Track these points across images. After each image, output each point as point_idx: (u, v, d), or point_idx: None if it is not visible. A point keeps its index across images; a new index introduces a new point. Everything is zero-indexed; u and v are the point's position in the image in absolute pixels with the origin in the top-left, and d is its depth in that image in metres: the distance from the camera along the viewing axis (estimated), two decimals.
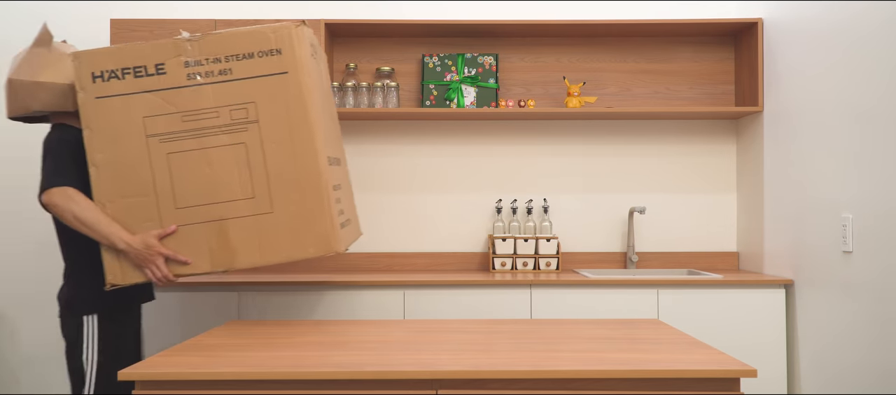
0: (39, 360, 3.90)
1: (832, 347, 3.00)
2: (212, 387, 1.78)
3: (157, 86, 2.40)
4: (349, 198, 2.89)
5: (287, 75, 2.37)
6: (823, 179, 3.04)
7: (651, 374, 1.76)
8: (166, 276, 2.41)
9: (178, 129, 2.40)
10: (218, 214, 2.41)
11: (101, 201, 2.43)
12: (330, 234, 2.39)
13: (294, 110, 2.37)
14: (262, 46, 2.37)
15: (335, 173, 2.58)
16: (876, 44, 2.70)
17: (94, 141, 2.41)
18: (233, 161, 2.39)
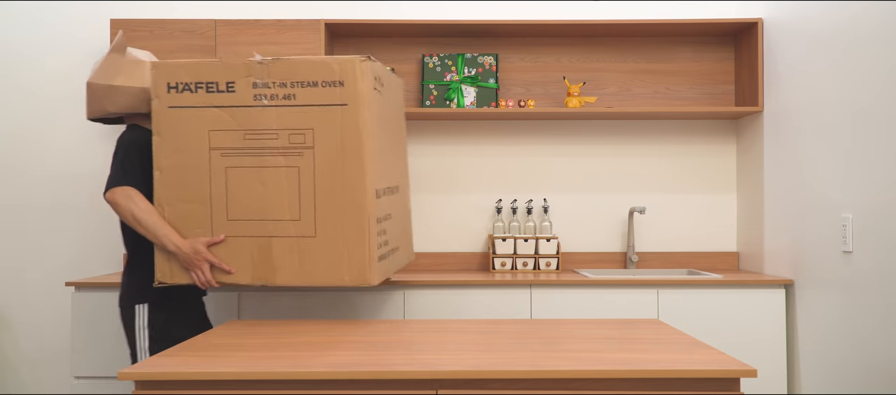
0: (40, 360, 3.90)
1: (832, 347, 3.00)
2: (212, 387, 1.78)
3: (226, 102, 2.52)
4: (402, 225, 2.94)
5: (346, 107, 2.45)
6: (823, 179, 3.04)
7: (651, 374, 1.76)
8: (209, 281, 2.56)
9: (239, 145, 2.52)
10: (265, 230, 2.52)
11: (161, 203, 2.58)
12: (366, 267, 2.47)
13: (349, 142, 2.45)
14: (326, 76, 2.45)
15: (386, 204, 2.64)
16: (876, 44, 2.70)
17: (162, 147, 2.56)
18: (285, 183, 2.49)
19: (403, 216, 2.98)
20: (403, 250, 2.97)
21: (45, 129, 3.92)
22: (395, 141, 2.89)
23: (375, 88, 2.55)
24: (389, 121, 2.77)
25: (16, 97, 3.92)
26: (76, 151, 3.92)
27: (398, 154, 2.93)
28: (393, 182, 2.77)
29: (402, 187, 2.96)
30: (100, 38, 3.92)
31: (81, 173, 3.92)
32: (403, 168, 3.02)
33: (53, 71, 3.92)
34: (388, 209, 2.68)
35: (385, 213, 2.64)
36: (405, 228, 3.01)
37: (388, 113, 2.76)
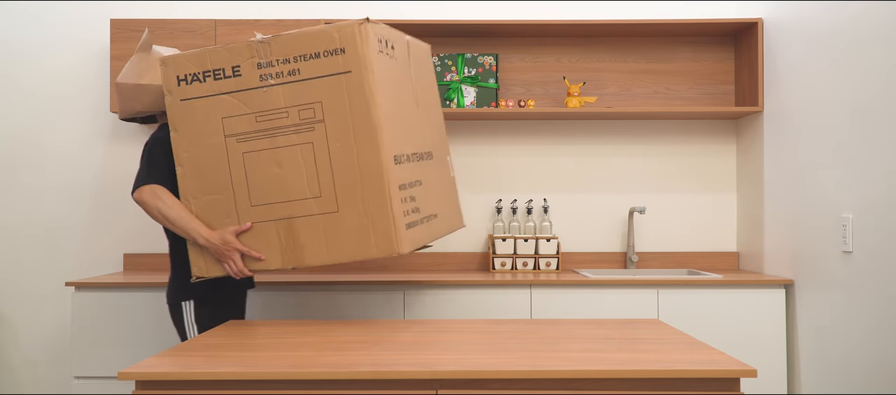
0: (40, 360, 3.90)
1: (832, 347, 3.00)
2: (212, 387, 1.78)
3: (234, 87, 2.47)
4: (440, 191, 2.82)
5: (350, 74, 2.37)
6: (823, 179, 3.04)
7: (651, 374, 1.76)
8: (241, 271, 2.52)
9: (252, 129, 2.47)
10: (287, 212, 2.47)
11: (187, 198, 2.55)
12: (392, 235, 2.38)
13: (357, 109, 2.37)
14: (326, 46, 2.39)
15: (411, 170, 2.55)
16: (876, 43, 2.70)
17: (180, 141, 2.53)
18: (301, 161, 2.44)
19: (440, 183, 2.84)
20: (444, 218, 2.84)
21: (45, 129, 3.92)
22: (423, 107, 2.78)
23: (381, 50, 2.46)
24: (409, 85, 2.67)
25: (16, 97, 3.92)
26: (76, 151, 3.92)
27: (428, 120, 2.81)
28: (420, 148, 2.67)
29: (438, 154, 2.86)
30: (100, 38, 3.92)
31: (82, 174, 3.92)
32: (438, 135, 2.90)
33: (53, 71, 3.92)
34: (415, 175, 2.58)
35: (412, 179, 2.54)
36: (445, 195, 2.88)
37: (405, 77, 2.65)
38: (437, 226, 2.74)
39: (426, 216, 2.63)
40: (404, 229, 2.41)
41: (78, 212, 3.92)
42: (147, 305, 3.34)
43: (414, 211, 2.52)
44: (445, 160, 2.97)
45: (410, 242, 2.45)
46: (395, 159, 2.42)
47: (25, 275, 3.91)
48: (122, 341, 3.34)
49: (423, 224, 2.60)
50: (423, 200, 2.63)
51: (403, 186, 2.46)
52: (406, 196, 2.47)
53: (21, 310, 3.91)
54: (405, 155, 2.52)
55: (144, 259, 3.90)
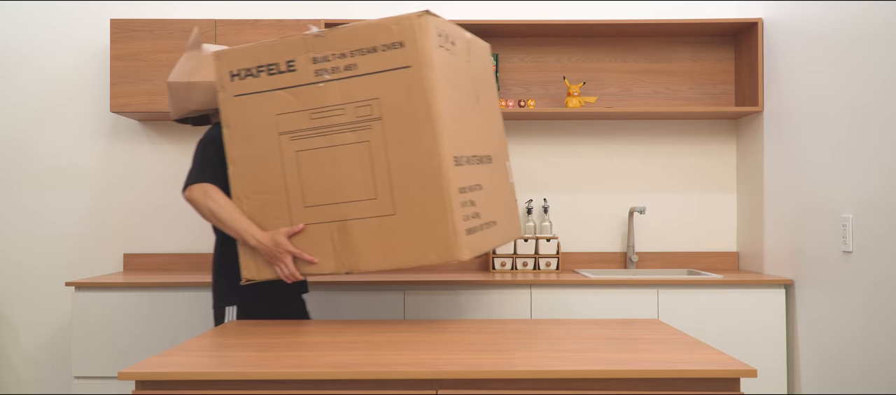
0: (40, 360, 3.90)
1: (832, 347, 3.00)
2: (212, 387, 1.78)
3: (289, 83, 2.35)
4: (499, 198, 2.66)
5: (410, 69, 2.23)
6: (823, 179, 3.04)
7: (651, 374, 1.76)
8: (293, 274, 2.41)
9: (306, 126, 2.34)
10: (342, 214, 2.34)
11: (238, 197, 2.45)
12: (451, 240, 2.23)
13: (417, 106, 2.23)
14: (384, 40, 2.25)
15: (471, 173, 2.41)
16: (876, 43, 2.70)
17: (232, 139, 2.43)
18: (357, 160, 2.31)
19: (500, 189, 2.67)
20: (504, 226, 2.66)
21: (45, 129, 3.92)
22: (484, 107, 2.63)
23: (441, 45, 2.31)
24: (469, 84, 2.52)
25: (15, 98, 3.92)
26: (76, 151, 3.92)
27: (488, 122, 2.66)
28: (480, 151, 2.51)
29: (498, 159, 2.69)
30: (100, 39, 3.92)
31: (82, 174, 3.92)
32: (497, 139, 2.74)
33: (53, 71, 3.92)
34: (475, 179, 2.42)
35: (471, 183, 2.38)
36: (504, 201, 2.71)
37: (466, 76, 2.50)
38: (496, 234, 2.57)
39: (486, 223, 2.48)
40: (464, 234, 2.26)
41: (78, 212, 3.92)
42: (147, 305, 3.34)
43: (473, 216, 2.37)
44: (505, 165, 2.79)
45: (470, 248, 2.30)
46: (455, 160, 2.28)
47: (25, 275, 3.91)
48: (122, 341, 3.34)
49: (483, 231, 2.44)
50: (483, 205, 2.47)
51: (463, 189, 2.32)
52: (466, 200, 2.32)
53: (21, 310, 3.91)
54: (465, 157, 2.38)
55: (144, 259, 3.90)
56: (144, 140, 3.93)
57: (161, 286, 3.35)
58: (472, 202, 2.37)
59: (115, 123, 3.92)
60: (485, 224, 2.46)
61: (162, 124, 3.93)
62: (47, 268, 3.91)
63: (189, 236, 3.93)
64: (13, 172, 3.92)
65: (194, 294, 3.34)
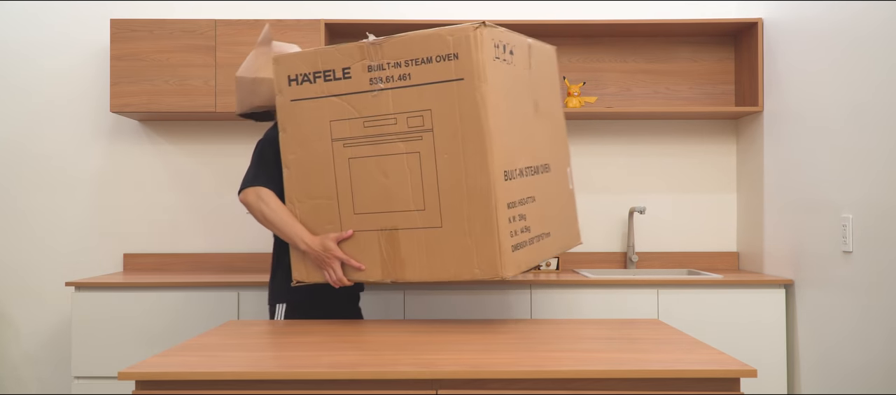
0: (40, 360, 3.90)
1: (832, 347, 3.00)
2: (212, 387, 1.78)
3: (344, 90, 2.35)
4: (555, 207, 2.62)
5: (463, 82, 2.21)
6: (823, 179, 3.04)
7: (651, 374, 1.76)
8: (340, 280, 2.42)
9: (359, 134, 2.35)
10: (391, 223, 2.35)
11: (292, 201, 2.46)
12: (495, 259, 2.22)
13: (468, 120, 2.21)
14: (439, 51, 2.23)
15: (523, 186, 2.38)
16: (876, 43, 2.70)
17: (288, 143, 2.44)
18: (407, 171, 2.31)
19: (557, 198, 2.64)
20: (559, 236, 2.63)
21: (45, 129, 3.92)
22: (544, 114, 2.59)
23: (498, 57, 2.29)
24: (528, 92, 2.48)
25: (15, 98, 3.92)
26: (76, 151, 3.92)
27: (548, 129, 2.62)
28: (536, 161, 2.48)
29: (557, 166, 2.66)
30: (100, 39, 3.92)
31: (81, 174, 3.92)
32: (557, 145, 2.69)
33: (53, 71, 3.92)
34: (527, 192, 2.40)
35: (523, 196, 2.36)
36: (560, 210, 2.67)
37: (525, 84, 2.47)
38: (548, 246, 2.54)
39: (537, 235, 2.45)
40: (510, 251, 2.25)
41: (78, 212, 3.92)
42: (147, 305, 3.34)
43: (523, 231, 2.35)
44: (564, 172, 2.75)
45: (516, 265, 2.28)
46: (505, 175, 2.26)
47: (26, 275, 3.91)
48: (122, 341, 3.34)
49: (533, 245, 2.42)
50: (535, 217, 2.44)
51: (512, 204, 2.30)
52: (515, 215, 2.31)
53: (21, 310, 3.91)
54: (518, 170, 2.35)
55: (144, 259, 3.90)
56: (144, 140, 3.93)
57: (161, 286, 3.35)
58: (522, 216, 2.35)
59: (115, 123, 3.92)
60: (536, 237, 2.43)
61: (162, 124, 3.94)
62: (47, 268, 3.91)
63: (188, 236, 3.93)
64: (13, 172, 3.92)
65: (194, 294, 3.34)
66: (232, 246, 3.93)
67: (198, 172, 3.93)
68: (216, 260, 3.91)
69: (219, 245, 3.93)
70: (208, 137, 3.94)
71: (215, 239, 3.93)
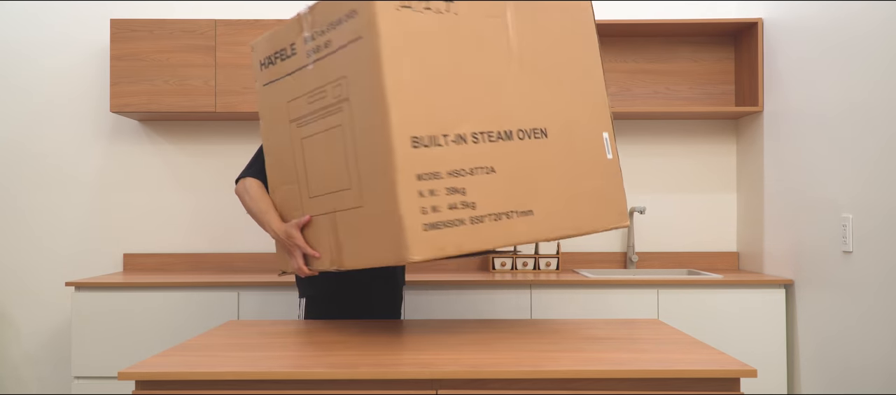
0: (40, 360, 3.90)
1: (832, 347, 3.00)
2: (212, 387, 1.78)
3: (293, 68, 2.19)
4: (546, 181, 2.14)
5: (362, 41, 1.96)
6: (823, 179, 3.04)
7: (651, 374, 1.76)
8: (300, 269, 2.25)
9: (306, 112, 2.16)
10: (332, 205, 2.14)
11: (273, 188, 2.35)
12: (399, 237, 1.90)
13: (369, 81, 1.94)
14: (343, 10, 1.99)
15: (456, 154, 2.00)
16: (876, 43, 2.70)
17: (264, 129, 2.33)
18: (338, 146, 2.08)
19: (554, 169, 2.16)
20: (560, 215, 2.16)
21: (45, 129, 3.92)
22: (537, 71, 2.18)
23: (407, 6, 1.98)
24: (494, 46, 2.11)
25: (15, 98, 3.92)
26: (76, 151, 3.92)
27: (547, 87, 2.19)
28: (501, 125, 2.08)
29: (566, 130, 2.19)
30: (100, 39, 3.92)
31: (81, 173, 3.92)
32: (569, 106, 2.22)
33: (53, 71, 3.92)
34: (472, 161, 2.02)
35: (456, 167, 1.99)
36: (563, 184, 2.17)
37: (486, 36, 2.10)
38: (521, 227, 2.09)
39: (492, 214, 2.04)
40: (419, 230, 1.91)
41: (78, 212, 3.92)
42: (147, 305, 3.34)
43: (453, 207, 1.98)
44: (584, 138, 2.24)
45: (431, 247, 1.92)
46: (413, 142, 1.94)
47: (25, 275, 3.91)
48: (122, 341, 3.34)
49: (482, 224, 2.03)
50: (491, 192, 2.04)
51: (427, 175, 1.95)
52: (435, 188, 1.96)
53: (21, 310, 3.91)
54: (448, 135, 1.99)
55: (144, 259, 3.90)
56: (144, 140, 3.93)
57: (161, 286, 3.35)
58: (453, 190, 1.99)
59: (115, 123, 3.92)
60: (489, 216, 2.04)
61: (162, 124, 3.94)
62: (47, 268, 3.91)
63: (189, 236, 3.93)
64: (13, 172, 3.92)
65: (194, 294, 3.34)
66: (232, 246, 3.93)
67: (198, 172, 3.93)
68: (216, 260, 3.91)
69: (219, 245, 3.93)
70: (208, 137, 3.93)
71: (215, 239, 3.93)
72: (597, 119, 2.29)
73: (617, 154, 2.30)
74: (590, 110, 2.28)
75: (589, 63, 2.30)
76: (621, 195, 2.30)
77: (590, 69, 2.30)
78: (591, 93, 2.29)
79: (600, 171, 2.26)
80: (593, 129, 2.28)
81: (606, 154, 2.29)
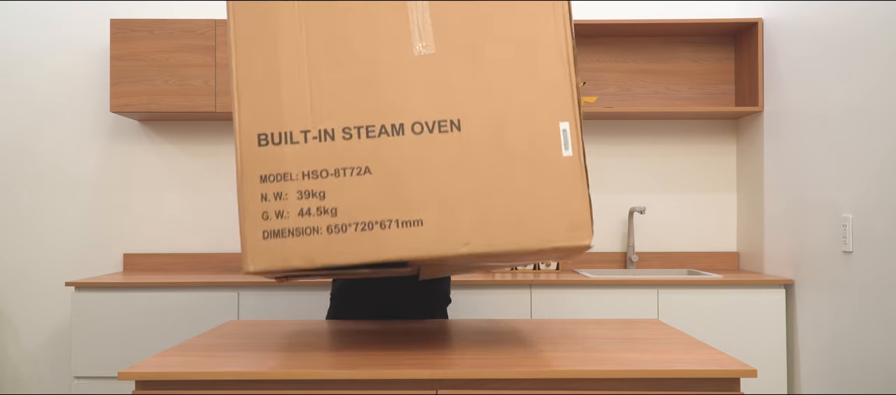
0: (40, 360, 3.90)
1: (832, 347, 3.00)
2: (212, 387, 1.78)
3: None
4: (456, 182, 1.80)
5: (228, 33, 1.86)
6: (823, 179, 3.04)
7: (651, 374, 1.76)
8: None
9: None
10: None
11: None
12: (245, 247, 1.76)
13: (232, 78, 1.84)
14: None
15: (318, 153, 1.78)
16: (876, 43, 2.70)
17: None
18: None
19: (469, 168, 1.81)
20: (447, 226, 1.79)
21: (45, 129, 3.92)
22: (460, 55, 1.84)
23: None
24: (398, 31, 1.83)
25: (16, 97, 3.92)
26: (76, 151, 3.92)
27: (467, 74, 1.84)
28: (392, 118, 1.80)
29: (478, 122, 1.82)
30: (100, 39, 3.92)
31: (81, 173, 3.92)
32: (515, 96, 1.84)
33: (53, 71, 3.92)
34: (327, 161, 1.79)
35: (307, 167, 1.78)
36: (482, 186, 1.80)
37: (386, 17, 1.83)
38: (403, 240, 1.78)
39: (351, 223, 1.79)
40: (258, 238, 1.75)
41: (78, 212, 3.92)
42: (147, 305, 3.34)
43: (304, 213, 1.78)
44: (522, 130, 1.83)
45: (270, 258, 1.75)
46: (260, 139, 1.78)
47: (25, 275, 3.91)
48: (122, 341, 3.34)
49: (337, 235, 1.78)
50: (358, 198, 1.79)
51: (272, 177, 1.77)
52: (281, 191, 1.77)
53: (21, 310, 3.91)
54: (301, 131, 1.79)
55: (144, 259, 3.90)
56: (144, 140, 3.93)
57: (161, 286, 3.35)
58: (309, 193, 1.78)
59: (115, 123, 3.92)
60: (357, 225, 1.78)
61: (162, 124, 3.94)
62: (47, 268, 3.91)
63: (189, 236, 3.93)
64: (13, 172, 3.92)
65: (194, 294, 3.34)
66: (232, 246, 3.93)
67: (198, 172, 3.93)
68: (216, 260, 3.91)
69: (219, 245, 3.93)
70: (208, 137, 3.94)
71: (215, 239, 3.93)
72: (550, 106, 1.86)
73: (581, 150, 1.83)
74: (537, 95, 1.86)
75: (540, 36, 1.88)
76: (579, 204, 1.81)
77: (541, 44, 1.88)
78: (543, 74, 1.88)
79: (546, 172, 1.83)
80: (541, 119, 1.85)
81: (562, 150, 1.85)
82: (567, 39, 1.86)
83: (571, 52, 1.87)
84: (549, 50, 1.87)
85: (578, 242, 1.78)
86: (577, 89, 1.85)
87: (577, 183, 1.81)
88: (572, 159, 1.83)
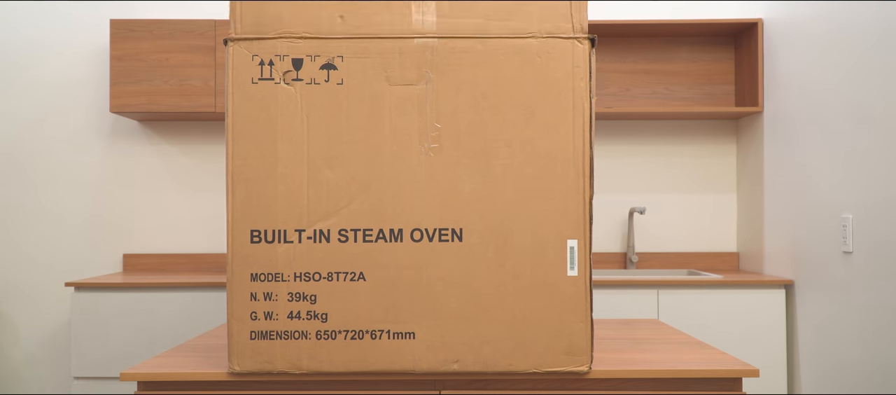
0: (40, 360, 3.90)
1: (832, 347, 3.00)
2: (212, 387, 1.78)
3: None
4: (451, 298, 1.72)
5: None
6: (823, 179, 3.05)
7: (651, 374, 1.76)
8: None
9: None
10: None
11: None
12: (230, 344, 1.74)
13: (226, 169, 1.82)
14: None
15: (311, 255, 1.72)
16: (876, 43, 2.70)
17: None
18: None
19: (457, 283, 1.72)
20: (440, 341, 1.72)
21: (45, 129, 3.92)
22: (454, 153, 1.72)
23: (266, 77, 1.72)
24: (395, 121, 1.71)
25: (15, 97, 3.92)
26: (76, 151, 3.92)
27: (468, 174, 1.72)
28: (388, 222, 1.72)
29: (480, 234, 1.72)
30: (100, 39, 3.92)
31: (81, 174, 3.92)
32: (504, 199, 1.72)
33: (53, 71, 3.92)
34: (321, 265, 1.72)
35: (299, 269, 1.72)
36: (458, 301, 1.72)
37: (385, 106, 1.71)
38: (395, 352, 1.72)
39: (341, 331, 1.72)
40: (245, 338, 1.72)
41: (78, 212, 3.92)
42: (147, 305, 3.34)
43: (293, 316, 1.72)
44: (526, 245, 1.72)
45: (255, 359, 1.72)
46: (253, 236, 1.71)
47: (25, 275, 3.91)
48: (121, 341, 3.34)
49: (326, 342, 1.72)
50: (351, 304, 1.72)
51: (263, 276, 1.72)
52: (272, 291, 1.72)
53: (21, 310, 3.91)
54: (296, 230, 1.72)
55: (144, 259, 3.90)
56: (144, 140, 3.93)
57: (161, 286, 3.34)
58: (299, 296, 1.72)
59: (114, 123, 3.92)
60: (340, 333, 1.72)
61: (162, 124, 3.93)
62: (47, 268, 3.91)
63: (189, 236, 3.93)
64: (13, 172, 3.92)
65: (194, 294, 3.34)
66: None
67: (197, 172, 3.93)
68: (216, 260, 3.91)
69: (219, 245, 3.93)
70: (208, 137, 3.93)
71: (215, 239, 3.93)
72: (560, 220, 1.74)
73: (587, 269, 1.72)
74: (546, 209, 1.74)
75: (556, 144, 1.73)
76: (579, 327, 1.72)
77: (557, 153, 1.73)
78: (555, 186, 1.74)
79: (548, 293, 1.73)
80: (547, 234, 1.73)
81: (567, 269, 1.74)
82: (585, 151, 1.72)
83: (588, 164, 1.72)
84: (564, 160, 1.73)
85: (575, 367, 1.73)
86: (589, 203, 1.73)
87: (580, 306, 1.72)
88: (577, 280, 1.73)
